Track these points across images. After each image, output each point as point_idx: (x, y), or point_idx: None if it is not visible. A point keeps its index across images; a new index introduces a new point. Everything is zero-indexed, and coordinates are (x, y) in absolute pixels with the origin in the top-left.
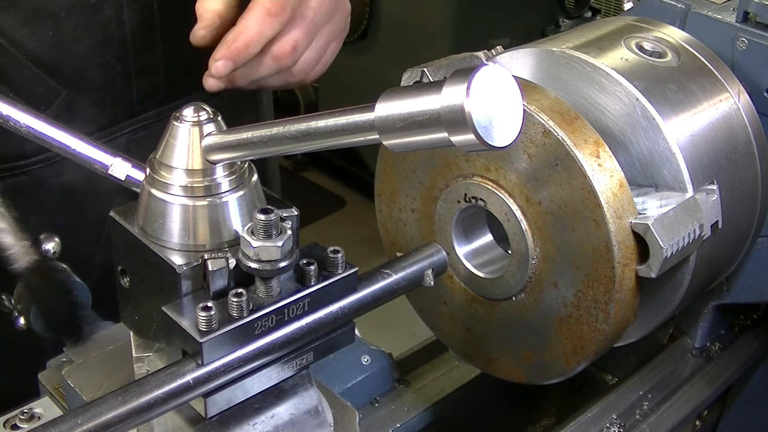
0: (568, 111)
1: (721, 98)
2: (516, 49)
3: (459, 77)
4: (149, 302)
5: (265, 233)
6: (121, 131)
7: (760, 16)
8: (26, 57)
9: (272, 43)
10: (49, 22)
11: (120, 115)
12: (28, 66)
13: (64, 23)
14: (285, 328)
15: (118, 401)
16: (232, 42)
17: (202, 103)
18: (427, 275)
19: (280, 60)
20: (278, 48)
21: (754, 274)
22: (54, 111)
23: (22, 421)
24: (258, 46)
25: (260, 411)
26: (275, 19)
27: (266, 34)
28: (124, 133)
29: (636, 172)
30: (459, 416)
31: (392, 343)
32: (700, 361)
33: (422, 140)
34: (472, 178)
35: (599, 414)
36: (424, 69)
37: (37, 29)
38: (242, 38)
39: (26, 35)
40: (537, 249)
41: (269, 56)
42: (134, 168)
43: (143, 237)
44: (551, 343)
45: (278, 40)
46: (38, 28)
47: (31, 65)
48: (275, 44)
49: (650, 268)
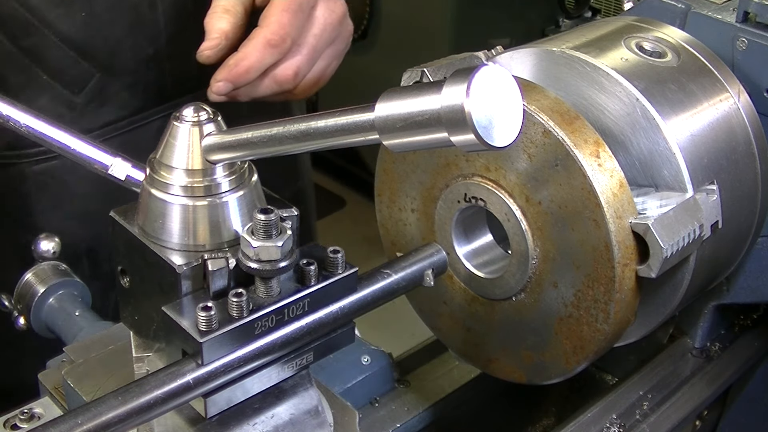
0: (568, 111)
1: (721, 98)
2: (516, 49)
3: (459, 77)
4: (149, 302)
5: (265, 233)
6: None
7: (760, 16)
8: (59, 38)
9: (274, 67)
10: (81, 3)
11: (152, 100)
12: (61, 47)
13: (96, 4)
14: (285, 328)
15: (118, 401)
16: (233, 67)
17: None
18: (427, 275)
19: (281, 84)
20: (280, 73)
21: (754, 274)
22: (87, 94)
23: (22, 421)
24: (257, 72)
25: (260, 411)
26: (276, 49)
27: (266, 62)
28: (156, 118)
29: (636, 172)
30: (459, 416)
31: (392, 343)
32: (700, 361)
33: (422, 140)
34: (472, 178)
35: (599, 414)
36: (424, 69)
37: (70, 9)
38: (243, 64)
39: (59, 16)
40: (537, 249)
41: (271, 79)
42: (134, 168)
43: (143, 237)
44: (551, 343)
45: (280, 65)
46: (70, 8)
47: (64, 46)
48: (277, 69)
49: (650, 268)
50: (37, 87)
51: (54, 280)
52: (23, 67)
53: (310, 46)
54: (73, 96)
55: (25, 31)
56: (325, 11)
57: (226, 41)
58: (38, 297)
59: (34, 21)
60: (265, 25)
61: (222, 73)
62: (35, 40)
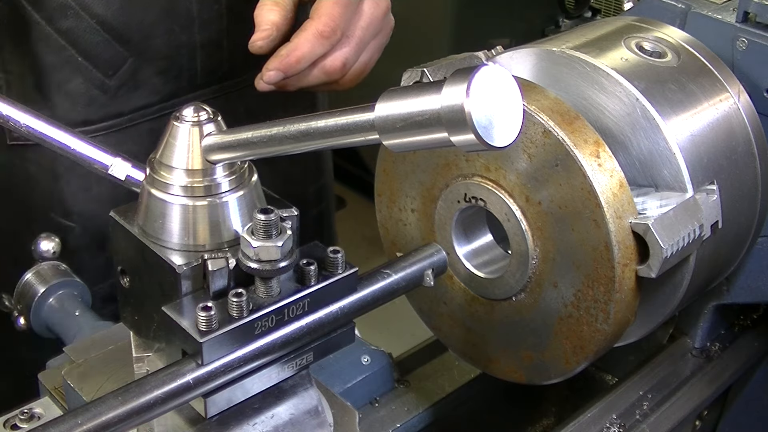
0: (568, 111)
1: (721, 98)
2: (516, 49)
3: (459, 77)
4: (149, 302)
5: (265, 233)
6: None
7: (760, 16)
8: (95, 21)
9: (323, 58)
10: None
11: (183, 87)
12: (96, 30)
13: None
14: (285, 328)
15: (118, 401)
16: (285, 57)
17: (202, 103)
18: (427, 275)
19: (330, 74)
20: (329, 63)
21: (754, 274)
22: (120, 78)
23: (22, 421)
24: (308, 63)
25: (260, 411)
26: (327, 40)
27: (317, 52)
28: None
29: (636, 172)
30: (459, 416)
31: (392, 343)
32: (700, 361)
33: (422, 140)
34: (472, 178)
35: (599, 414)
36: (424, 69)
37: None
38: (294, 54)
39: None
40: (537, 249)
41: (319, 69)
42: (134, 168)
43: (143, 237)
44: (551, 343)
45: (329, 56)
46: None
47: (99, 29)
48: (326, 60)
49: (650, 268)
50: (71, 68)
51: (54, 280)
52: (58, 48)
53: (357, 38)
54: (106, 79)
55: (62, 13)
56: (372, 4)
57: (277, 32)
58: (38, 297)
59: (72, 3)
60: (316, 17)
61: (274, 63)
62: (71, 22)
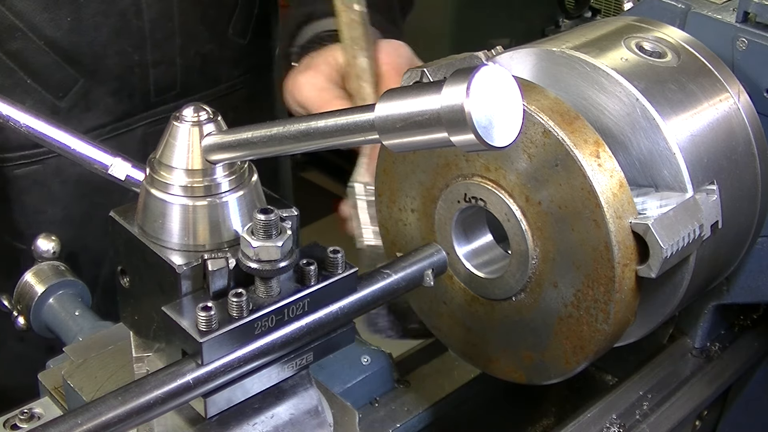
0: (568, 111)
1: (721, 98)
2: (516, 49)
3: (459, 77)
4: (149, 302)
5: (265, 233)
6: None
7: (760, 16)
8: (45, 42)
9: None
10: (68, 8)
11: (136, 106)
12: (46, 52)
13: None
14: (285, 328)
15: (118, 401)
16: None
17: (202, 103)
18: (427, 275)
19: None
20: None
21: (754, 274)
22: (71, 99)
23: (22, 421)
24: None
25: (260, 411)
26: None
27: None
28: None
29: (636, 172)
30: (459, 416)
31: (392, 343)
32: (700, 361)
33: (422, 140)
34: (472, 178)
35: (599, 414)
36: (424, 69)
37: (57, 15)
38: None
39: (45, 20)
40: (537, 249)
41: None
42: (134, 168)
43: (143, 237)
44: (551, 343)
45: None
46: (57, 13)
47: (49, 51)
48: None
49: (650, 268)
50: (20, 91)
51: (54, 280)
52: (7, 71)
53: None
54: (56, 100)
55: (10, 35)
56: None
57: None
58: (38, 297)
59: (20, 25)
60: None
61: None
62: (20, 44)
